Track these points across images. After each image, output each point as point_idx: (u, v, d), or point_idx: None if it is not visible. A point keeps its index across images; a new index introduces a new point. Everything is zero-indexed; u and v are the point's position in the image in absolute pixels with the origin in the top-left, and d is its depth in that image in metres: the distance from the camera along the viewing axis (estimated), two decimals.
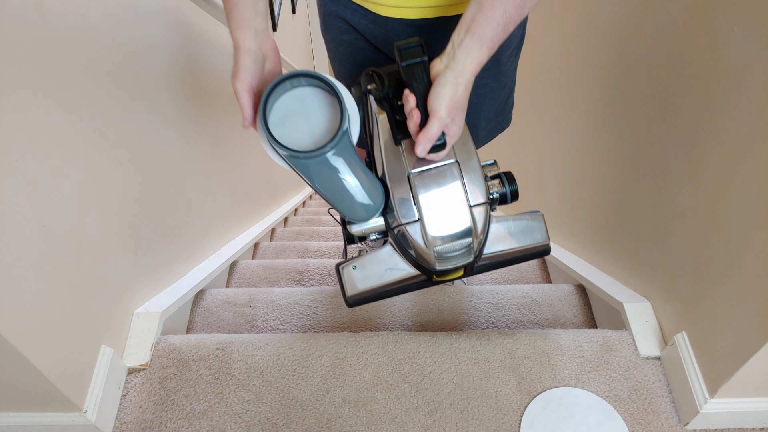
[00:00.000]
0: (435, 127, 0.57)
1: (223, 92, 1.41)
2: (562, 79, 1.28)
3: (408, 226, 0.63)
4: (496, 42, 0.57)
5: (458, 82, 0.56)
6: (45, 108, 0.65)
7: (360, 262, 0.73)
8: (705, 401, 0.69)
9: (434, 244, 0.63)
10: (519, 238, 0.72)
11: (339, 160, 0.58)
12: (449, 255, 0.64)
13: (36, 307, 0.62)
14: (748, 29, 0.61)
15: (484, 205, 0.64)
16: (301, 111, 0.58)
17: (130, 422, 0.76)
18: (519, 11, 0.56)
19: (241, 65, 0.58)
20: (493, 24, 0.56)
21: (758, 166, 0.59)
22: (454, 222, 0.62)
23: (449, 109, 0.57)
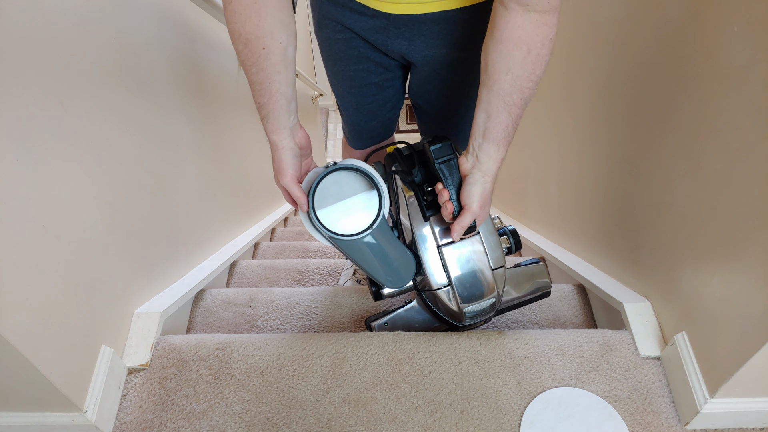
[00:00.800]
0: (468, 218, 0.67)
1: (223, 93, 1.41)
2: (562, 80, 1.28)
3: (439, 291, 0.74)
4: (509, 139, 0.66)
5: (485, 180, 0.66)
6: (45, 108, 0.65)
7: (391, 319, 0.86)
8: (705, 401, 0.69)
9: (464, 306, 0.73)
10: (526, 287, 0.84)
11: (376, 239, 0.71)
12: (476, 313, 0.74)
13: (36, 307, 0.62)
14: (748, 29, 0.61)
15: (502, 268, 0.75)
16: (337, 194, 0.68)
17: (130, 422, 0.76)
18: (521, 108, 0.64)
19: (284, 162, 0.65)
20: (502, 127, 0.64)
21: (758, 166, 0.59)
22: (480, 286, 0.73)
23: (481, 204, 0.67)
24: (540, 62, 0.61)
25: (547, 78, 1.40)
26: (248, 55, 0.60)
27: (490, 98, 0.64)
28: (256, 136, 1.78)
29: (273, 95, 0.62)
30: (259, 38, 0.59)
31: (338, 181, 0.68)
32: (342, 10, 0.79)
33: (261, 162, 1.85)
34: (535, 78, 0.62)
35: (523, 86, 0.61)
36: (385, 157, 0.83)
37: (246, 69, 0.62)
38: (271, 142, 0.65)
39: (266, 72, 0.61)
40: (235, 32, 0.60)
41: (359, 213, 0.69)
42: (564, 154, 1.29)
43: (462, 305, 0.73)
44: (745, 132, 0.62)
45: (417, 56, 0.84)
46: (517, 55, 0.60)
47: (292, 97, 0.65)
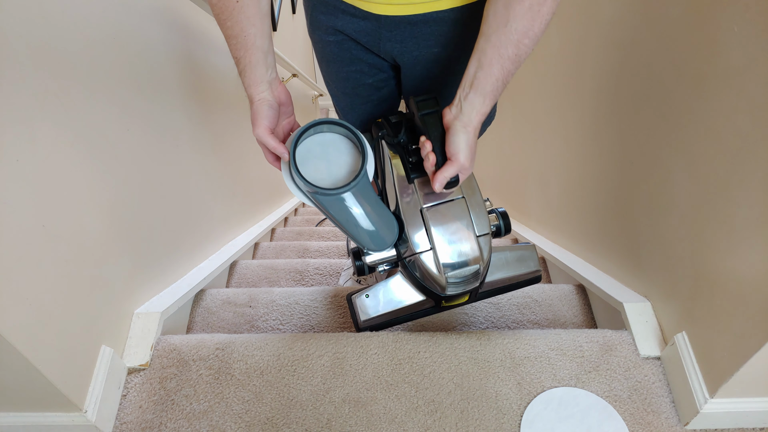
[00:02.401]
0: (452, 170, 0.65)
1: (223, 93, 1.41)
2: (562, 79, 1.28)
3: (422, 255, 0.70)
4: (497, 93, 0.64)
5: (468, 131, 0.64)
6: (45, 108, 0.65)
7: (372, 291, 0.80)
8: (705, 401, 0.69)
9: (446, 271, 0.69)
10: (515, 267, 0.81)
11: (359, 197, 0.66)
12: (459, 280, 0.70)
13: (36, 307, 0.62)
14: (748, 29, 0.61)
15: (488, 235, 0.71)
16: (322, 154, 0.67)
17: (130, 422, 0.76)
18: (515, 64, 0.63)
19: (258, 113, 0.64)
20: (492, 80, 0.63)
21: (758, 166, 0.59)
22: (464, 250, 0.70)
23: (465, 154, 0.65)
24: (539, 19, 0.61)
25: (547, 78, 1.41)
26: (222, 9, 0.61)
27: (486, 48, 0.63)
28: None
29: (249, 48, 0.62)
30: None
31: (323, 143, 0.67)
32: (334, 12, 0.79)
33: (261, 162, 1.85)
34: (533, 35, 0.62)
35: (520, 41, 0.61)
36: (373, 124, 0.83)
37: (221, 23, 0.62)
38: (248, 96, 0.64)
39: (241, 25, 0.61)
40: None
41: (343, 170, 0.67)
42: (564, 154, 1.29)
43: (444, 270, 0.69)
44: (745, 132, 0.62)
45: (408, 57, 0.84)
46: (518, 8, 0.60)
47: (268, 50, 0.64)
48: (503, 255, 0.81)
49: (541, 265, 1.41)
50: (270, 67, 0.64)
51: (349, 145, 0.68)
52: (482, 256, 0.70)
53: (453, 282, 0.70)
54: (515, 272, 0.81)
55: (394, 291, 0.80)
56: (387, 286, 0.80)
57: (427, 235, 0.70)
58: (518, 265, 0.81)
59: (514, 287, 0.83)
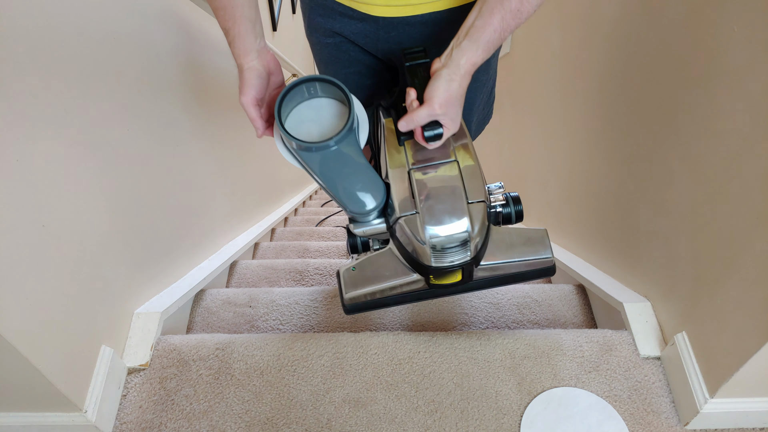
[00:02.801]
0: (423, 112, 0.61)
1: (223, 92, 1.41)
2: (562, 79, 1.28)
3: (405, 219, 0.65)
4: (491, 46, 0.61)
5: (452, 78, 0.61)
6: (45, 107, 0.65)
7: (359, 263, 0.73)
8: (705, 401, 0.69)
9: (430, 236, 0.63)
10: (521, 251, 0.70)
11: (344, 153, 0.62)
12: (445, 249, 0.64)
13: (36, 307, 0.62)
14: (748, 29, 0.61)
15: (482, 203, 0.64)
16: (315, 118, 0.64)
17: (130, 422, 0.76)
18: (516, 19, 0.60)
19: (246, 81, 0.62)
20: (490, 30, 0.60)
21: (758, 166, 0.59)
22: (450, 215, 0.63)
23: (441, 100, 0.60)
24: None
25: (546, 78, 1.41)
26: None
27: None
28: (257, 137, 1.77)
29: (237, 19, 0.61)
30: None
31: (317, 107, 0.65)
32: (331, 15, 0.79)
33: (261, 162, 1.85)
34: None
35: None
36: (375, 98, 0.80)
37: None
38: (237, 65, 0.64)
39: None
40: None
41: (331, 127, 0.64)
42: (564, 154, 1.29)
43: (429, 236, 0.63)
44: (745, 132, 0.62)
45: None
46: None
47: (256, 19, 0.64)
48: (506, 234, 0.72)
49: None
50: (258, 36, 0.64)
51: (343, 109, 0.65)
52: (473, 223, 0.63)
53: (439, 250, 0.64)
54: (521, 257, 0.71)
55: (382, 265, 0.72)
56: (375, 258, 0.73)
57: (411, 197, 0.65)
58: (525, 249, 0.71)
59: (522, 278, 0.72)
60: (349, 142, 0.62)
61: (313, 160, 0.62)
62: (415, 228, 0.64)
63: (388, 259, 0.72)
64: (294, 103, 0.64)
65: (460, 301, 1.09)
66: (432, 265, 0.65)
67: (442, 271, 0.66)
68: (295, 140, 0.59)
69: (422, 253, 0.65)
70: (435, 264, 0.65)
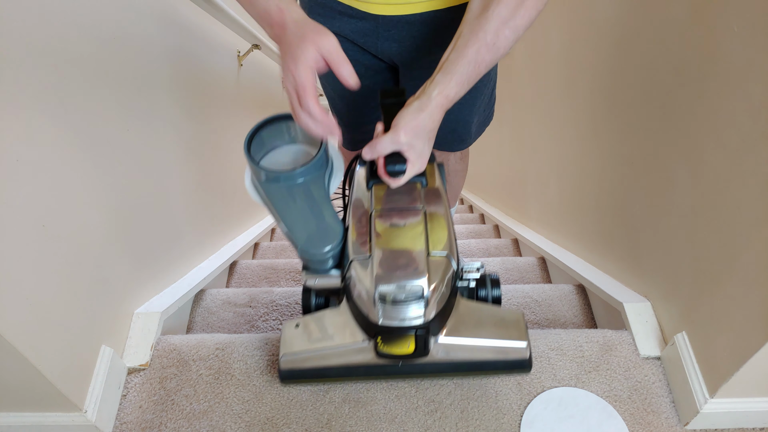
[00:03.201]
0: (387, 138, 0.57)
1: (224, 92, 1.41)
2: (562, 80, 1.28)
3: (358, 262, 0.58)
4: (465, 78, 0.59)
5: (421, 108, 0.58)
6: (45, 108, 0.65)
7: (305, 319, 0.65)
8: (705, 401, 0.69)
9: (379, 283, 0.54)
10: (490, 332, 0.61)
11: (309, 190, 0.58)
12: (396, 303, 0.55)
13: (36, 307, 0.62)
14: (748, 29, 0.61)
15: (445, 258, 0.57)
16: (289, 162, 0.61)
17: (130, 422, 0.76)
18: (491, 53, 0.59)
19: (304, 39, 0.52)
20: (464, 62, 0.58)
21: (758, 166, 0.59)
22: (406, 262, 0.56)
23: (407, 130, 0.57)
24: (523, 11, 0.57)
25: (546, 78, 1.41)
26: None
27: (463, 31, 0.60)
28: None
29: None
30: None
31: (295, 152, 0.62)
32: (330, 14, 0.78)
33: None
34: (514, 27, 0.58)
35: (499, 30, 0.58)
36: None
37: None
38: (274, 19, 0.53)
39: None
40: None
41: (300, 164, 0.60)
42: (564, 154, 1.29)
43: (377, 283, 0.54)
44: (746, 132, 0.62)
45: (407, 57, 0.82)
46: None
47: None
48: (476, 310, 0.63)
49: (541, 264, 1.41)
50: None
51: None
52: (430, 276, 0.55)
53: (388, 303, 0.55)
54: (490, 340, 0.60)
55: (329, 324, 0.63)
56: (322, 315, 0.65)
57: (368, 240, 0.59)
58: (495, 331, 0.61)
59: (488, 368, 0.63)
60: (316, 180, 0.58)
61: (278, 193, 0.58)
62: (366, 274, 0.56)
63: (336, 318, 0.63)
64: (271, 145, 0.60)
65: None
66: (380, 322, 0.56)
67: (392, 333, 0.57)
68: (264, 170, 0.55)
69: (370, 306, 0.57)
70: (383, 321, 0.56)
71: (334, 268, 0.63)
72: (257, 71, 1.83)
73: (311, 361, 0.63)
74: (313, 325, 0.64)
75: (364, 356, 0.61)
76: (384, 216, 0.61)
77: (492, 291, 0.66)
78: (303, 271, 0.64)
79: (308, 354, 0.62)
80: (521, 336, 0.61)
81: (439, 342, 0.59)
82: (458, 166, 1.13)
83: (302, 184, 0.57)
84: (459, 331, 0.60)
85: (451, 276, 0.58)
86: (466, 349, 0.61)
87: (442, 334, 0.59)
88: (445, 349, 0.60)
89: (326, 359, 0.63)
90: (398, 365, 0.61)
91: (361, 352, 0.61)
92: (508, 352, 0.61)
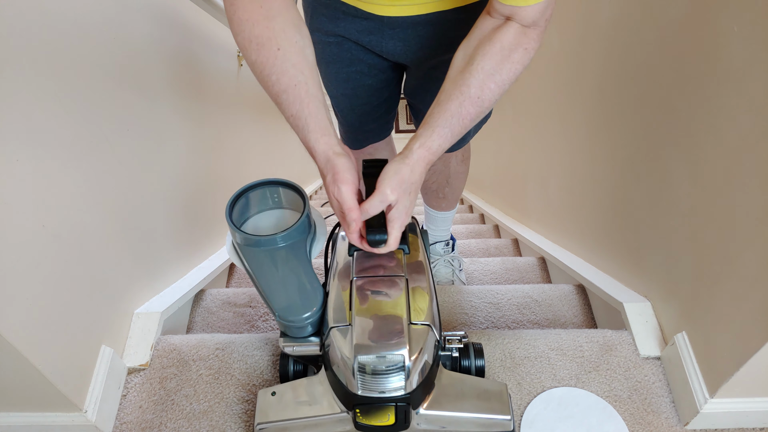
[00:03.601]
0: (375, 199, 0.55)
1: (223, 92, 1.41)
2: (562, 79, 1.28)
3: (337, 330, 0.57)
4: (449, 131, 0.58)
5: (403, 162, 0.56)
6: (45, 108, 0.65)
7: (281, 387, 0.64)
8: (705, 401, 0.69)
9: (358, 352, 0.53)
10: (472, 405, 0.59)
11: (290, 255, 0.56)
12: (376, 374, 0.53)
13: (36, 307, 0.62)
14: (748, 29, 0.61)
15: (426, 327, 0.56)
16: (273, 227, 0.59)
17: (130, 422, 0.76)
18: (476, 107, 0.58)
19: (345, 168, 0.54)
20: (446, 115, 0.57)
21: (758, 166, 0.59)
22: (387, 332, 0.54)
23: (392, 185, 0.55)
24: (509, 64, 0.57)
25: (546, 77, 1.41)
26: (264, 61, 0.54)
27: (446, 85, 0.60)
28: (256, 136, 1.78)
29: (304, 99, 0.54)
30: (271, 39, 0.54)
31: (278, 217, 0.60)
32: (335, 14, 0.78)
33: (260, 161, 1.85)
34: (500, 81, 0.58)
35: (484, 83, 0.57)
36: None
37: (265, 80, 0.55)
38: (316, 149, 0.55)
39: (288, 75, 0.54)
40: (245, 40, 0.54)
41: None
42: (564, 154, 1.29)
43: (356, 352, 0.53)
44: (745, 132, 0.62)
45: (412, 57, 0.82)
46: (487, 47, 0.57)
47: (323, 100, 0.56)
48: (458, 381, 0.62)
49: (541, 264, 1.41)
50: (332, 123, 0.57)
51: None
52: (411, 346, 0.53)
53: (368, 373, 0.53)
54: (472, 413, 0.59)
55: (307, 393, 0.62)
56: (300, 384, 0.63)
57: (349, 308, 0.58)
58: (478, 404, 0.59)
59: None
60: (297, 245, 0.56)
61: (258, 258, 0.56)
62: (344, 343, 0.55)
63: (314, 387, 0.62)
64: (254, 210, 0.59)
65: (461, 301, 1.09)
66: (359, 393, 0.54)
67: (371, 404, 0.55)
68: (242, 233, 0.53)
69: (348, 377, 0.55)
70: (362, 392, 0.54)
71: (313, 335, 0.63)
72: None
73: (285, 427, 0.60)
74: (290, 394, 0.62)
75: (343, 428, 0.59)
76: (365, 283, 0.60)
77: (475, 361, 0.65)
78: (281, 338, 0.63)
79: (285, 424, 0.60)
80: (504, 410, 0.59)
81: (421, 413, 0.58)
82: (460, 168, 1.13)
83: (283, 248, 0.55)
84: (441, 403, 0.59)
85: (433, 346, 0.57)
86: (448, 421, 0.59)
87: (424, 406, 0.58)
88: (426, 420, 0.58)
89: (303, 430, 0.61)
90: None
91: (339, 422, 0.59)
92: (491, 425, 0.59)
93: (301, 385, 0.63)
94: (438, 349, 0.60)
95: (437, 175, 1.13)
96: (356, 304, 0.58)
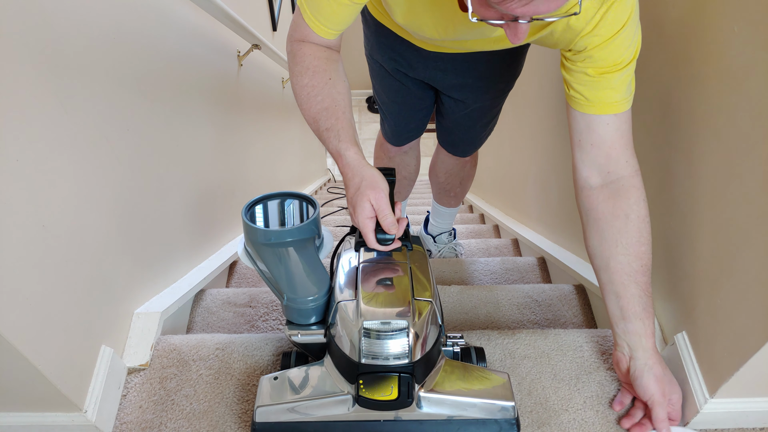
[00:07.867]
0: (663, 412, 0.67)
1: (223, 92, 1.41)
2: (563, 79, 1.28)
3: (344, 303, 0.61)
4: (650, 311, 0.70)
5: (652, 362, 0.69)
6: (45, 107, 0.65)
7: (283, 372, 0.65)
8: (705, 401, 0.69)
9: (364, 317, 0.56)
10: (477, 390, 0.59)
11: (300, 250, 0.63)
12: (380, 338, 0.56)
13: (36, 307, 0.62)
14: (748, 29, 0.61)
15: (429, 302, 0.60)
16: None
17: (130, 422, 0.76)
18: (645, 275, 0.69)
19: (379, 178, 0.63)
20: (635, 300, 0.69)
21: (758, 166, 0.59)
22: (391, 301, 0.59)
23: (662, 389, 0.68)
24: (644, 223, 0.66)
25: (546, 77, 1.41)
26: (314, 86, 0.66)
27: (612, 278, 0.67)
28: (256, 136, 1.78)
29: (340, 116, 0.65)
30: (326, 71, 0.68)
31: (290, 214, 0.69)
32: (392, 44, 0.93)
33: (261, 161, 1.85)
34: (645, 240, 0.66)
35: (638, 251, 0.66)
36: None
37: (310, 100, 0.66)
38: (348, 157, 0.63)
39: (332, 97, 0.66)
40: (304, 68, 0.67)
41: None
42: (564, 154, 1.29)
43: (362, 317, 0.56)
44: (745, 132, 0.62)
45: (446, 83, 0.98)
46: (618, 224, 0.65)
47: (354, 125, 0.67)
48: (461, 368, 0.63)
49: (541, 264, 1.41)
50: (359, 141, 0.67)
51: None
52: (414, 315, 0.56)
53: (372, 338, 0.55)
54: (476, 398, 0.59)
55: (309, 377, 0.63)
56: (301, 369, 0.65)
57: (355, 287, 0.62)
58: (482, 389, 0.60)
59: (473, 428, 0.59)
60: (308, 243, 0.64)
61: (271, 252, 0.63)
62: (350, 312, 0.58)
63: (317, 371, 0.64)
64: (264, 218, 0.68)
65: (461, 301, 1.09)
66: (362, 361, 0.57)
67: (374, 372, 0.56)
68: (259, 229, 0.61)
69: (353, 344, 0.57)
70: (365, 359, 0.56)
71: (317, 324, 0.67)
72: (257, 71, 1.82)
73: (288, 414, 0.60)
74: (292, 378, 0.63)
75: (344, 410, 0.59)
76: (371, 267, 0.65)
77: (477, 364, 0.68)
78: (286, 326, 0.67)
79: (286, 407, 0.60)
80: (508, 396, 0.59)
81: (424, 395, 0.58)
82: (471, 171, 1.34)
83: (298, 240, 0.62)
84: (444, 386, 0.59)
85: (436, 323, 0.60)
86: (451, 404, 0.58)
87: (426, 389, 0.58)
88: (429, 403, 0.58)
89: (304, 412, 0.60)
90: (380, 422, 0.58)
91: (341, 404, 0.59)
92: (494, 411, 0.59)
93: (303, 370, 0.65)
94: (440, 329, 0.63)
95: (452, 177, 1.32)
96: (362, 281, 0.63)
